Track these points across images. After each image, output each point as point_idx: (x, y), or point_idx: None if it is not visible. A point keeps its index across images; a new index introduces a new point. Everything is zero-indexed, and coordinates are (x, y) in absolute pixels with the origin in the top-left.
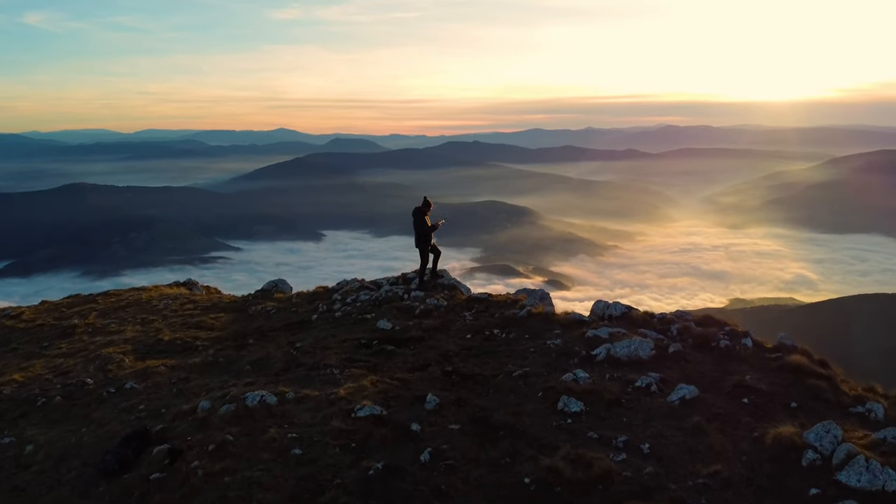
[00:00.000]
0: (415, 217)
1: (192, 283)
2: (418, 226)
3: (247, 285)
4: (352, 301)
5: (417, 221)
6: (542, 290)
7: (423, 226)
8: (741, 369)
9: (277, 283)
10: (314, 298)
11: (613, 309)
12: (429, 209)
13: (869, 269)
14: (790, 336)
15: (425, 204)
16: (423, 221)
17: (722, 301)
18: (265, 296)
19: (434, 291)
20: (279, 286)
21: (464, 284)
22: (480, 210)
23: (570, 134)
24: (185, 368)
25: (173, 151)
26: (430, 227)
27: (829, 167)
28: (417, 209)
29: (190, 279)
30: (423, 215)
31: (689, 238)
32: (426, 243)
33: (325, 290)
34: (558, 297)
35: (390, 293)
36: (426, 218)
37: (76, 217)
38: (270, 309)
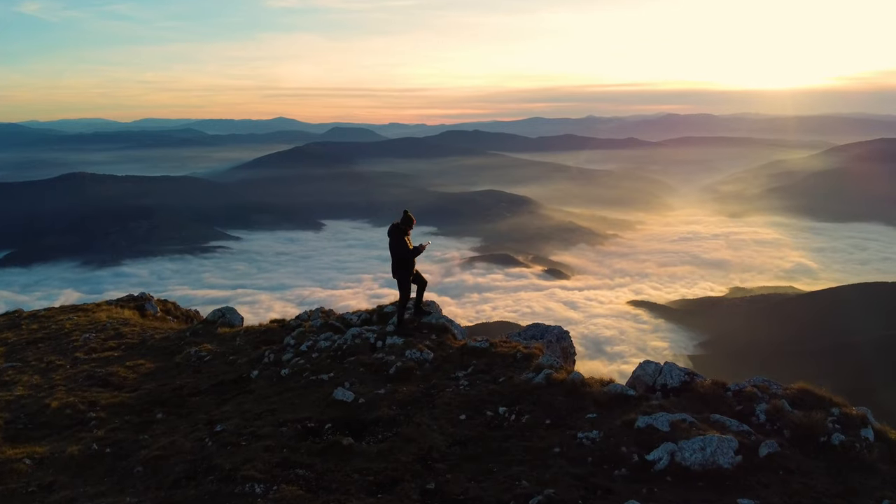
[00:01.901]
0: (392, 237)
1: (146, 299)
2: (397, 248)
3: (247, 274)
4: (308, 348)
5: (395, 242)
6: (559, 329)
7: (403, 248)
8: (870, 485)
9: (225, 312)
10: (262, 339)
11: (668, 376)
12: (410, 227)
13: (868, 258)
14: None
15: (405, 220)
16: (403, 243)
17: (722, 290)
18: (207, 330)
19: (417, 336)
20: (226, 316)
21: (457, 324)
22: (480, 199)
23: (571, 122)
24: (57, 465)
25: (172, 140)
26: (412, 250)
27: (829, 156)
28: (395, 227)
29: (144, 293)
30: (402, 235)
31: (689, 227)
32: (407, 271)
33: (278, 327)
34: (558, 286)
35: (359, 339)
36: (407, 238)
37: (75, 206)
38: (205, 355)
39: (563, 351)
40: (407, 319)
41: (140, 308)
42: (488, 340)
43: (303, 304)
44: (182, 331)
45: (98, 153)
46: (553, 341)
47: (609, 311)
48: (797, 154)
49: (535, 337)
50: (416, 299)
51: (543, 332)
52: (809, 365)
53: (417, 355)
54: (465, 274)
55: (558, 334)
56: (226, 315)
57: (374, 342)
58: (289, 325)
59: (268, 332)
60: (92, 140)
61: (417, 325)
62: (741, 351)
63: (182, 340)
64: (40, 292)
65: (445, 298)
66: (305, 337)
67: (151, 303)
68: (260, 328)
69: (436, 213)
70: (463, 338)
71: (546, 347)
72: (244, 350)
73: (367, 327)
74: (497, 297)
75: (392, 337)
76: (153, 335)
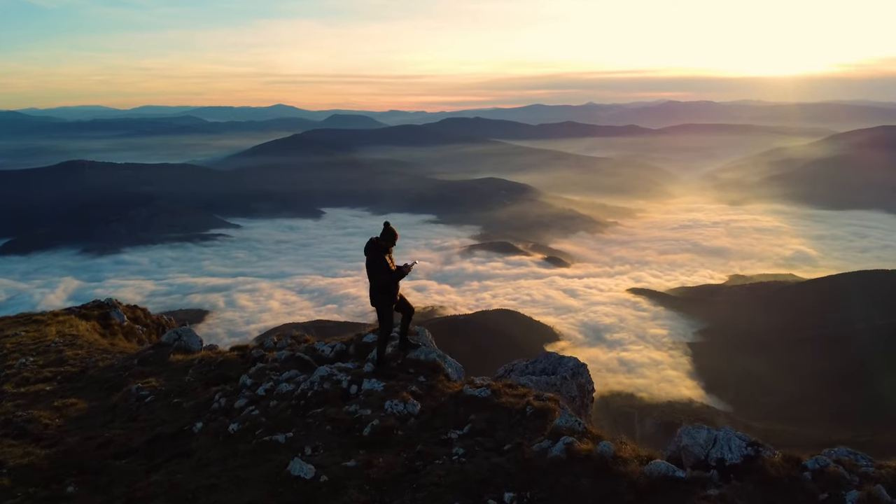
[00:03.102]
0: (369, 255)
1: (112, 306)
2: (375, 269)
3: (247, 262)
4: (266, 392)
5: (373, 262)
6: (575, 362)
7: (383, 269)
8: None
9: (182, 334)
10: (217, 375)
11: (725, 448)
12: (392, 242)
13: (869, 246)
14: None
15: (386, 234)
16: (383, 263)
17: (721, 277)
18: (158, 357)
19: (401, 377)
20: (183, 339)
21: (451, 360)
22: (480, 187)
23: (572, 110)
24: None
25: (171, 128)
26: (394, 271)
27: (830, 143)
28: (373, 243)
29: (111, 300)
30: (382, 252)
31: (690, 214)
32: (388, 297)
33: (238, 357)
34: (558, 274)
35: (328, 382)
36: (388, 257)
37: (75, 194)
38: (146, 395)
39: (580, 388)
40: (389, 355)
41: (104, 317)
42: (489, 386)
43: (303, 291)
44: (130, 357)
45: (97, 141)
46: (568, 377)
47: (609, 298)
48: (798, 141)
49: (547, 371)
50: (402, 330)
51: (556, 365)
52: (809, 353)
53: (400, 408)
54: (464, 262)
55: (574, 369)
56: (182, 337)
57: (348, 387)
58: (249, 356)
59: (225, 363)
60: (91, 127)
61: (402, 363)
62: (740, 338)
63: (127, 370)
64: (40, 280)
65: (445, 286)
66: (265, 376)
67: (118, 310)
68: (217, 357)
69: (436, 200)
70: (459, 377)
71: (560, 385)
72: (193, 389)
73: (339, 365)
74: (497, 284)
75: (370, 380)
76: (97, 362)
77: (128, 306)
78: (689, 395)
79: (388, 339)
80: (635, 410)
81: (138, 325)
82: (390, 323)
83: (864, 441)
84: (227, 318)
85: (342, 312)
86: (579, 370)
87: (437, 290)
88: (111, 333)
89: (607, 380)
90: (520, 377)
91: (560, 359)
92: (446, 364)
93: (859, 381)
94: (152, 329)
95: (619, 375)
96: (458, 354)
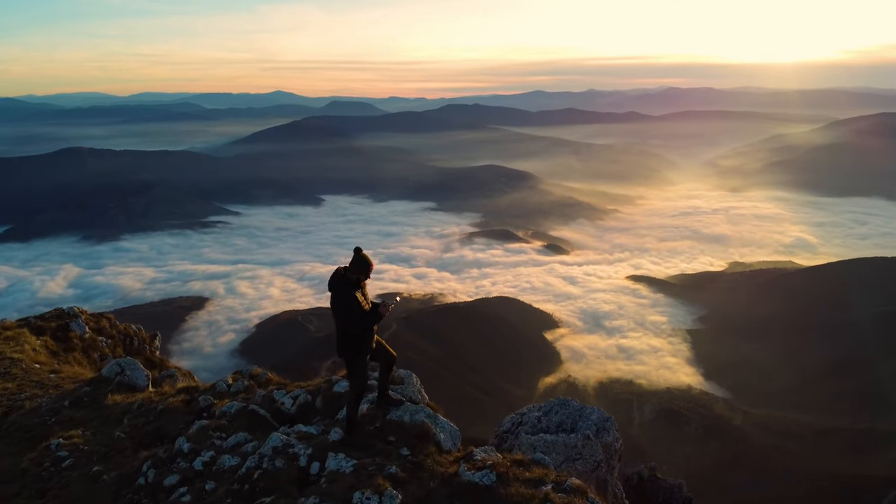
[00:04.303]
0: (336, 292)
1: (73, 316)
2: (344, 309)
3: (247, 249)
4: (203, 468)
5: (340, 301)
6: (599, 414)
7: (354, 309)
8: None
9: (125, 367)
10: (155, 430)
11: None
12: (365, 274)
13: (868, 233)
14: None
15: (358, 265)
16: (354, 301)
17: (721, 264)
18: (93, 398)
19: (378, 449)
20: (126, 373)
21: (444, 422)
22: (480, 174)
23: (572, 96)
24: None
25: (169, 115)
26: (367, 313)
27: (831, 130)
28: (340, 276)
29: (73, 309)
30: (353, 287)
31: (690, 201)
32: (360, 345)
33: (184, 404)
34: (557, 262)
35: (282, 458)
36: (360, 294)
37: (74, 181)
38: (65, 457)
39: (606, 449)
40: (363, 417)
41: (63, 329)
42: (494, 466)
43: (303, 279)
44: (61, 397)
45: (96, 127)
46: (591, 436)
47: (608, 285)
48: (799, 128)
49: (565, 427)
50: (380, 383)
51: (575, 419)
52: (808, 339)
53: (374, 502)
54: (464, 249)
55: (598, 423)
56: (125, 371)
57: (307, 465)
58: (196, 405)
59: (166, 413)
60: (89, 114)
61: (381, 427)
62: (740, 325)
63: (54, 416)
64: (40, 267)
65: (445, 274)
66: (207, 439)
67: (79, 321)
68: (158, 403)
69: (436, 188)
70: (454, 444)
71: (583, 448)
72: (122, 451)
73: (300, 428)
74: (496, 272)
75: (337, 455)
76: (25, 401)
77: (92, 315)
78: (688, 381)
79: (360, 401)
80: (634, 397)
81: (102, 337)
82: (363, 381)
83: (863, 428)
84: (227, 305)
85: None
86: (604, 425)
87: (437, 278)
88: (67, 349)
89: (606, 366)
90: (531, 437)
91: (580, 410)
92: (437, 427)
93: (858, 368)
94: (118, 341)
95: (618, 362)
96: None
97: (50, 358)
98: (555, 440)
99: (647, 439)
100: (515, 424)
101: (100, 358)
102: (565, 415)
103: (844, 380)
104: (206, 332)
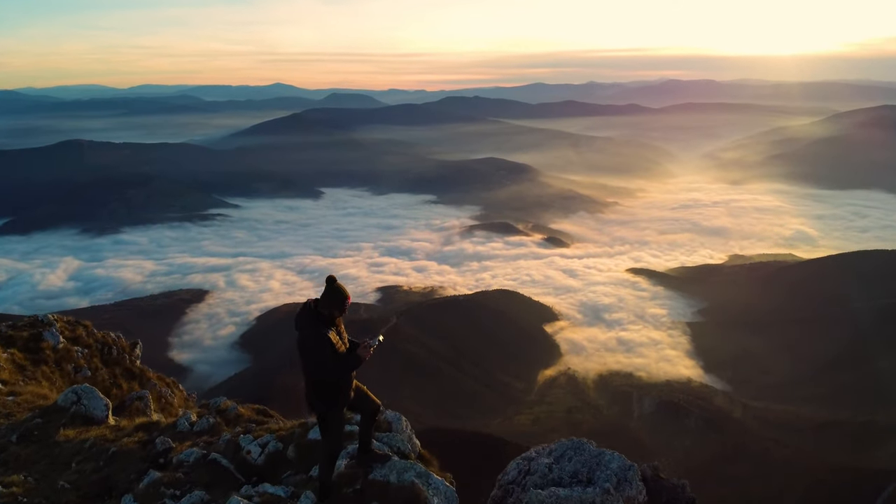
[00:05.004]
0: (303, 332)
1: (47, 325)
2: (314, 353)
3: (247, 242)
4: None
5: (311, 342)
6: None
7: (325, 353)
8: None
9: (82, 396)
10: (103, 479)
11: None
12: (339, 310)
13: (869, 226)
14: None
15: (332, 299)
16: (326, 343)
17: (721, 257)
18: (44, 431)
19: None
20: (83, 402)
21: (438, 482)
22: (480, 167)
23: (572, 88)
24: None
25: (169, 107)
26: (345, 356)
27: (831, 122)
28: (308, 311)
29: (47, 317)
30: (325, 326)
31: (690, 194)
32: (338, 395)
33: (139, 445)
34: (557, 255)
35: None
36: (334, 334)
37: (74, 174)
38: None
39: None
40: (341, 478)
41: (35, 339)
42: None
43: (303, 272)
44: (10, 429)
45: (95, 120)
46: (611, 489)
47: (608, 278)
48: (799, 121)
49: (580, 478)
50: (361, 437)
51: (592, 467)
52: (808, 332)
53: None
54: (464, 242)
55: (619, 473)
56: (82, 400)
57: None
58: (154, 448)
59: (118, 456)
60: (89, 107)
61: (361, 489)
62: (740, 318)
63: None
64: (40, 259)
65: (445, 266)
66: (158, 498)
67: (53, 330)
68: (111, 444)
69: (436, 180)
70: None
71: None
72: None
73: (266, 489)
74: (497, 265)
75: None
76: None
77: (68, 322)
78: (688, 374)
79: (335, 461)
80: (634, 389)
81: (78, 347)
82: (339, 438)
83: (863, 421)
84: (227, 298)
85: None
86: (626, 475)
87: (437, 271)
88: (36, 362)
89: (606, 359)
90: (541, 491)
91: (597, 457)
92: (430, 489)
93: (858, 362)
94: (95, 351)
95: (617, 355)
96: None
97: (15, 374)
98: (569, 495)
99: (646, 432)
100: (522, 473)
101: (74, 370)
102: (580, 462)
103: (844, 373)
104: (207, 325)
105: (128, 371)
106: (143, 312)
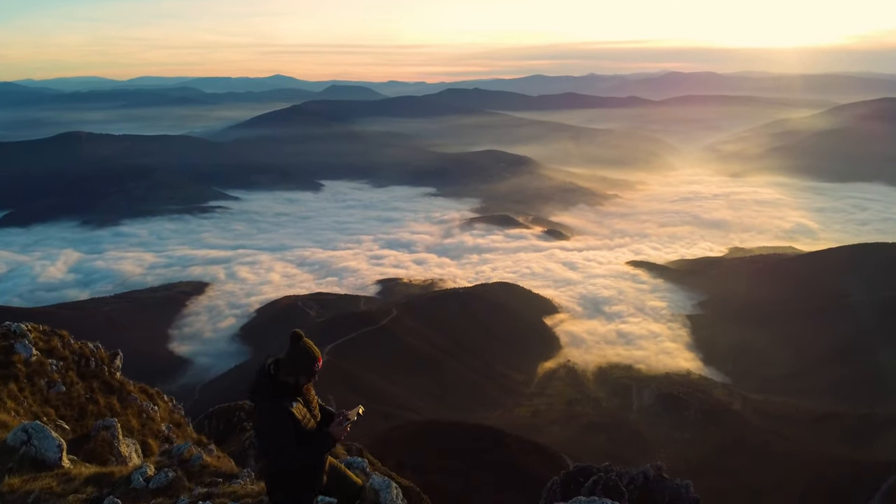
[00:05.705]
0: (258, 406)
1: (19, 336)
2: (270, 437)
3: (247, 234)
4: None
5: (269, 420)
6: None
7: (283, 438)
8: None
9: (32, 435)
10: None
11: None
12: (307, 376)
13: (869, 218)
14: None
15: (295, 361)
16: (283, 423)
17: (721, 250)
18: None
19: None
20: (33, 442)
21: None
22: (480, 160)
23: (572, 80)
24: None
25: (168, 99)
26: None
27: (832, 115)
28: (268, 376)
29: (19, 327)
30: (287, 395)
31: (690, 187)
32: (300, 481)
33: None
34: (557, 247)
35: None
36: (300, 406)
37: (73, 166)
38: None
39: None
40: None
41: (5, 351)
42: None
43: (303, 264)
44: None
45: (94, 112)
46: None
47: (608, 271)
48: (800, 113)
49: None
50: None
51: None
52: (808, 325)
53: None
54: (464, 235)
55: None
56: (32, 440)
57: None
58: None
59: None
60: (88, 99)
61: None
62: (739, 311)
63: None
64: (40, 252)
65: (445, 259)
66: None
67: (26, 342)
68: (62, 493)
69: (435, 173)
70: None
71: None
72: None
73: None
74: (496, 258)
75: None
76: None
77: (43, 332)
78: (688, 366)
79: None
80: (633, 382)
81: (52, 360)
82: None
83: (863, 413)
84: (227, 290)
85: (342, 285)
86: None
87: (437, 263)
88: (6, 378)
89: (605, 351)
90: None
91: None
92: None
93: (858, 354)
94: (71, 363)
95: (617, 347)
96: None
97: None
98: None
99: (645, 424)
100: None
101: (47, 385)
102: None
103: (844, 365)
104: (207, 317)
105: (106, 385)
106: (143, 304)
